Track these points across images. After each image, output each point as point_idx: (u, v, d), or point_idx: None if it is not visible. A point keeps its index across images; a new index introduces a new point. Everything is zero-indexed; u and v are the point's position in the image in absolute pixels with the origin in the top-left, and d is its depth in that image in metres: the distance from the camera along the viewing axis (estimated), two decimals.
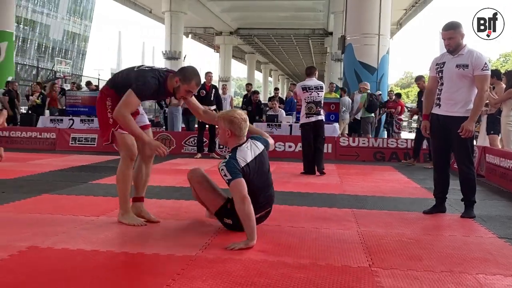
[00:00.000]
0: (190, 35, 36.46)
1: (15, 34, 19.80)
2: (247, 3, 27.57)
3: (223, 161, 3.19)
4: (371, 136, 11.37)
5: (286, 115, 11.69)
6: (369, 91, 11.70)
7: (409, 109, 15.09)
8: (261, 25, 32.87)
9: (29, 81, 23.66)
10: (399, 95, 14.69)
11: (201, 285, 2.36)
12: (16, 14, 26.26)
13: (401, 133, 14.61)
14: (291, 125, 10.97)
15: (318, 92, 6.94)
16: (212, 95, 9.37)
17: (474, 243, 3.37)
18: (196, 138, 9.82)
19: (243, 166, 3.16)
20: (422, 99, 6.45)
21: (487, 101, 7.01)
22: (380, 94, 12.86)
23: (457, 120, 4.07)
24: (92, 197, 4.78)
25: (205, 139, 9.63)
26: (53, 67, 29.11)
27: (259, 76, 62.75)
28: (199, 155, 9.43)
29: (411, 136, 14.04)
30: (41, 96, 12.97)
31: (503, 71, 8.67)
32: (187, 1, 25.84)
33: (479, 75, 4.01)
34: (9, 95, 12.94)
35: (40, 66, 34.09)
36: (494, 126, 7.63)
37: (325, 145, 8.14)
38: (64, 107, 12.77)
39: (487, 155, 7.00)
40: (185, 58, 26.68)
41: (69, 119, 11.80)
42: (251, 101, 12.45)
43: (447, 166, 4.37)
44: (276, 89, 14.83)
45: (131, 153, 3.56)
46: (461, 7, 67.20)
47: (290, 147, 9.95)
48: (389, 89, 14.66)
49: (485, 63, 4.03)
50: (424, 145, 8.93)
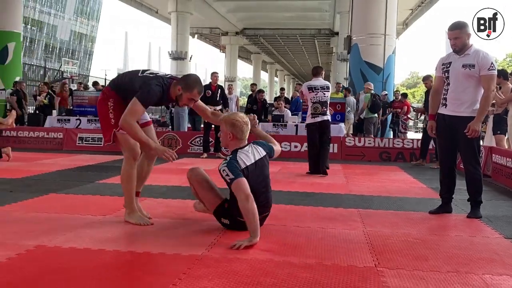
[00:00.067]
0: (196, 36, 36.56)
1: (23, 34, 19.90)
2: (253, 3, 27.59)
3: (223, 162, 3.23)
4: (373, 136, 11.34)
5: (292, 115, 11.69)
6: (372, 91, 11.68)
7: (415, 108, 15.05)
8: (267, 25, 32.89)
9: (36, 81, 23.74)
10: (405, 95, 14.64)
11: (207, 285, 2.37)
12: (23, 14, 26.46)
13: (407, 133, 14.55)
14: (297, 125, 10.96)
15: (324, 92, 6.93)
16: (218, 95, 9.42)
17: (480, 243, 3.36)
18: (202, 138, 9.85)
19: (242, 168, 3.20)
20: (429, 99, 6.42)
21: (494, 101, 6.98)
22: (386, 94, 12.83)
23: (463, 120, 4.05)
24: (99, 197, 4.81)
25: (211, 139, 9.67)
26: (60, 67, 29.25)
27: (265, 76, 62.72)
28: (205, 155, 9.45)
29: (417, 136, 13.98)
30: (48, 96, 13.05)
31: (510, 71, 8.62)
32: (193, 2, 25.92)
33: (486, 75, 3.99)
34: (17, 95, 13.06)
35: (47, 66, 34.18)
36: (500, 126, 7.60)
37: (331, 145, 8.12)
38: (71, 107, 12.85)
39: (493, 155, 6.96)
40: (191, 58, 26.73)
41: (76, 119, 11.87)
42: (256, 100, 12.46)
43: (453, 166, 4.35)
44: (282, 89, 14.79)
45: (134, 153, 3.59)
46: (467, 7, 66.76)
47: (296, 147, 9.95)
48: (395, 89, 14.60)
49: (492, 63, 4.00)
50: (430, 145, 8.89)
